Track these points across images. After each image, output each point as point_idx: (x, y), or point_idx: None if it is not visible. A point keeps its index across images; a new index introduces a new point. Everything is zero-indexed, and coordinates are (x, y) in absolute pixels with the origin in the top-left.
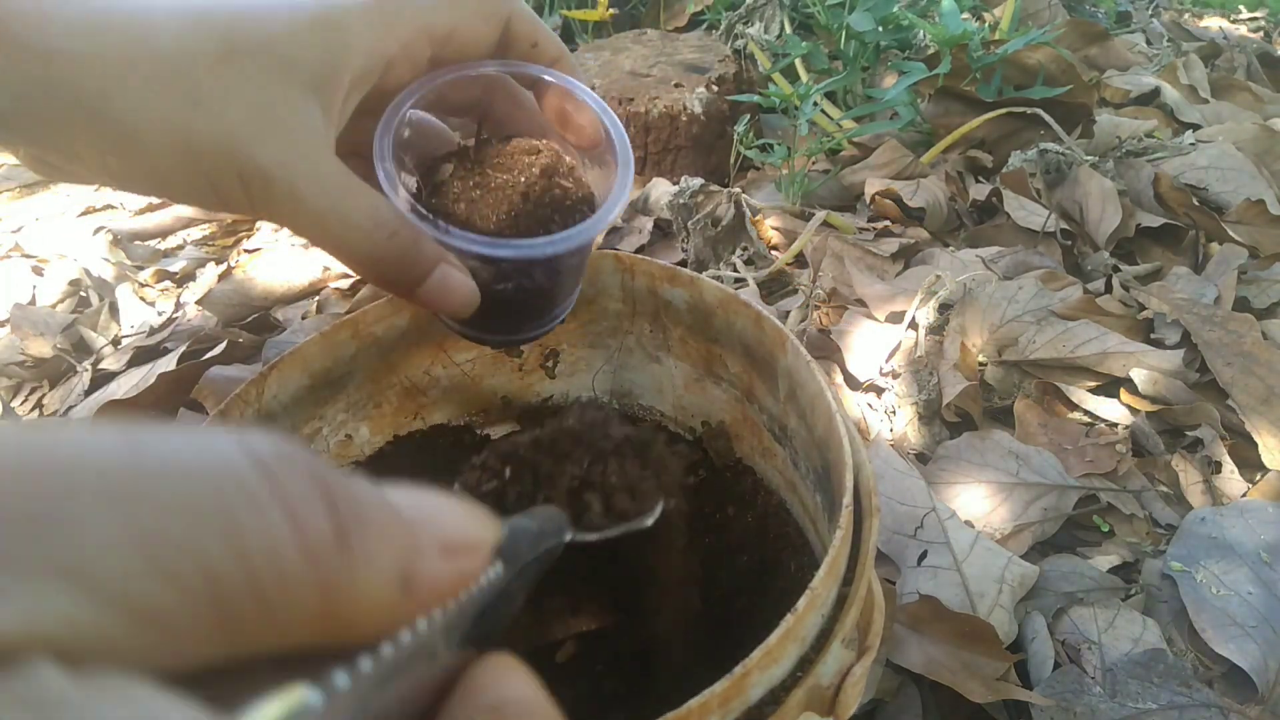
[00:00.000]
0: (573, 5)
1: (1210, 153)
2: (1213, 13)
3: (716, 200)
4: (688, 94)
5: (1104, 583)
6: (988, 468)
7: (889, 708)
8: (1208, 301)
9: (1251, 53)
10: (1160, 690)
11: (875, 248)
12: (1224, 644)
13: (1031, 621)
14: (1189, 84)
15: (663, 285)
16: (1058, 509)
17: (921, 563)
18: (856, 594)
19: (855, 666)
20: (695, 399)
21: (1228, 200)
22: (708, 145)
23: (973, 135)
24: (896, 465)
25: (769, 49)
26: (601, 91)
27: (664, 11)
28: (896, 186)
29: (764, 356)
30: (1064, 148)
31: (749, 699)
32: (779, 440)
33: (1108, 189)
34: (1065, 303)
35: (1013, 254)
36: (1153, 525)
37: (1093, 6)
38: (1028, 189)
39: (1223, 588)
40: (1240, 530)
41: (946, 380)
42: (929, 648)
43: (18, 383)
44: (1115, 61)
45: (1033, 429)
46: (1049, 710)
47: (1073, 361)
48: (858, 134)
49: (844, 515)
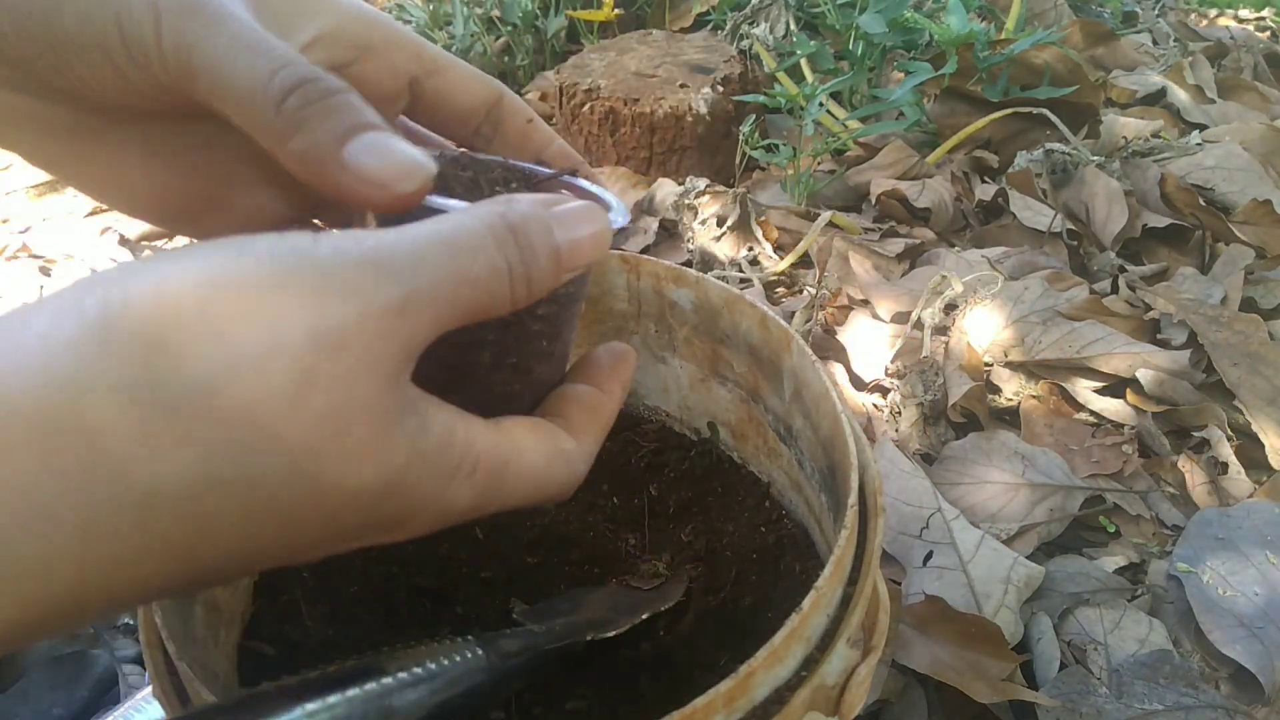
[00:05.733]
0: (578, 5)
1: (1217, 153)
2: (1218, 12)
3: (722, 200)
4: (693, 94)
5: (1110, 583)
6: (993, 468)
7: (894, 708)
8: (1214, 302)
9: (1258, 52)
10: (1166, 691)
11: (881, 248)
12: (1230, 645)
13: (1037, 622)
14: (1195, 84)
15: (668, 285)
16: (1064, 509)
17: (927, 563)
18: (862, 594)
19: (860, 666)
20: (700, 399)
21: (1234, 200)
22: (713, 146)
23: (979, 135)
24: (902, 466)
25: (774, 49)
26: (607, 92)
27: (669, 12)
28: (902, 187)
29: (769, 357)
30: (1070, 148)
31: (754, 698)
32: (784, 440)
33: (1114, 189)
34: (1071, 303)
35: (1019, 254)
36: (1159, 526)
37: (1099, 6)
38: (1034, 189)
39: (1229, 589)
40: (1247, 531)
41: (952, 380)
42: (934, 648)
43: None
44: (1121, 61)
45: (1038, 429)
46: (1055, 711)
47: (1079, 362)
48: (863, 134)
49: (849, 515)
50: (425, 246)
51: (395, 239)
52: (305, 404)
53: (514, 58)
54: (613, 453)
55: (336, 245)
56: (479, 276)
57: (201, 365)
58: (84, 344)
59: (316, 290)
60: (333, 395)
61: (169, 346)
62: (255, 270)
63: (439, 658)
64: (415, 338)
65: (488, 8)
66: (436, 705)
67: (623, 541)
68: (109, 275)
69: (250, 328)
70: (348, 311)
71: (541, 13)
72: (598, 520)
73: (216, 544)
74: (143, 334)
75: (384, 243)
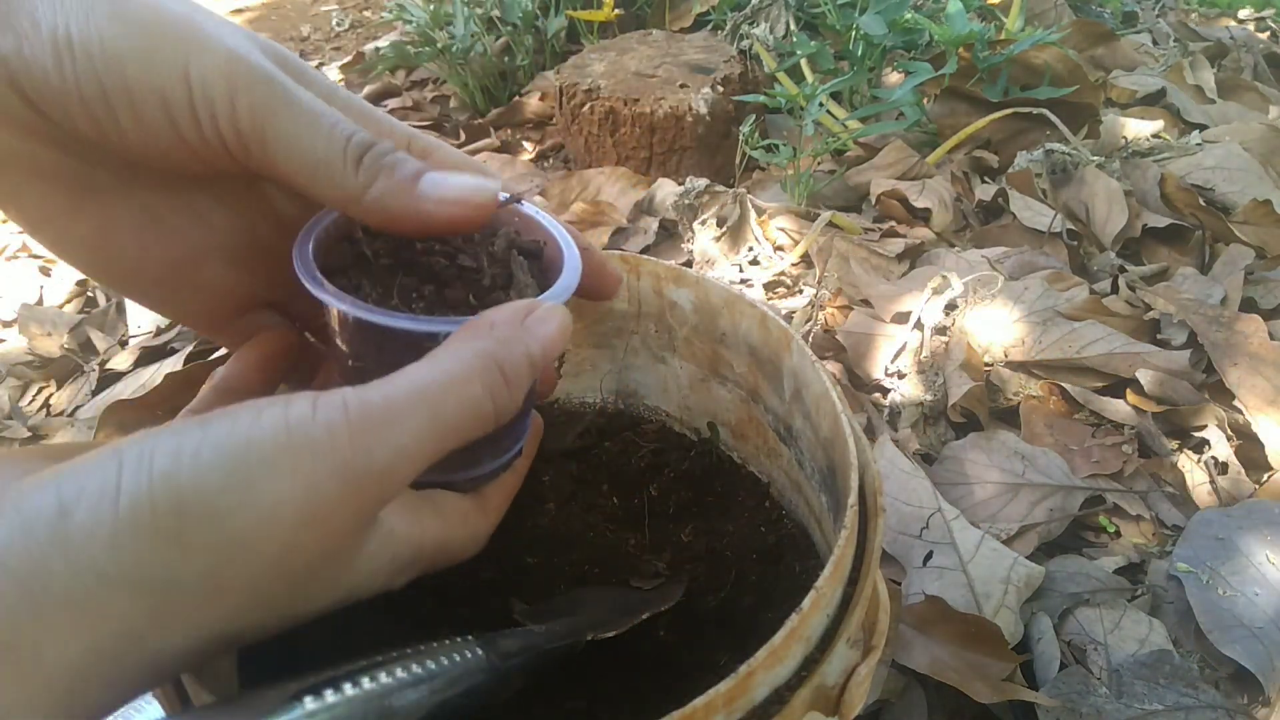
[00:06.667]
0: (578, 6)
1: (1217, 153)
2: (1219, 12)
3: (722, 200)
4: (693, 94)
5: (1110, 583)
6: (993, 468)
7: (894, 708)
8: (1214, 302)
9: (1258, 53)
10: (1166, 691)
11: (881, 248)
12: (1230, 645)
13: (1037, 622)
14: (1195, 84)
15: (668, 286)
16: (1064, 509)
17: (927, 563)
18: (862, 594)
19: (860, 667)
20: (700, 399)
21: (1234, 200)
22: (713, 146)
23: (979, 135)
24: (902, 466)
25: (774, 49)
26: (607, 92)
27: (669, 12)
28: (902, 187)
29: (769, 357)
30: (1070, 148)
31: (754, 698)
32: (784, 441)
33: (1114, 189)
34: (1071, 303)
35: (1019, 254)
36: (1159, 526)
37: (1099, 7)
38: (1034, 189)
39: (1229, 589)
40: (1247, 531)
41: (952, 381)
42: (934, 648)
43: (25, 383)
44: (1122, 62)
45: (1039, 429)
46: (1055, 711)
47: (1079, 362)
48: (863, 134)
49: (849, 515)
50: (408, 404)
51: (383, 401)
52: (286, 570)
53: (514, 58)
54: (613, 453)
55: (330, 419)
56: (460, 421)
57: (200, 560)
58: (118, 544)
59: (310, 471)
60: (309, 558)
61: (176, 544)
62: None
63: (439, 658)
64: (393, 492)
65: (488, 8)
66: (436, 705)
67: (623, 541)
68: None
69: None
70: (333, 487)
71: (541, 13)
72: (598, 520)
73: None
74: (157, 533)
75: (372, 407)
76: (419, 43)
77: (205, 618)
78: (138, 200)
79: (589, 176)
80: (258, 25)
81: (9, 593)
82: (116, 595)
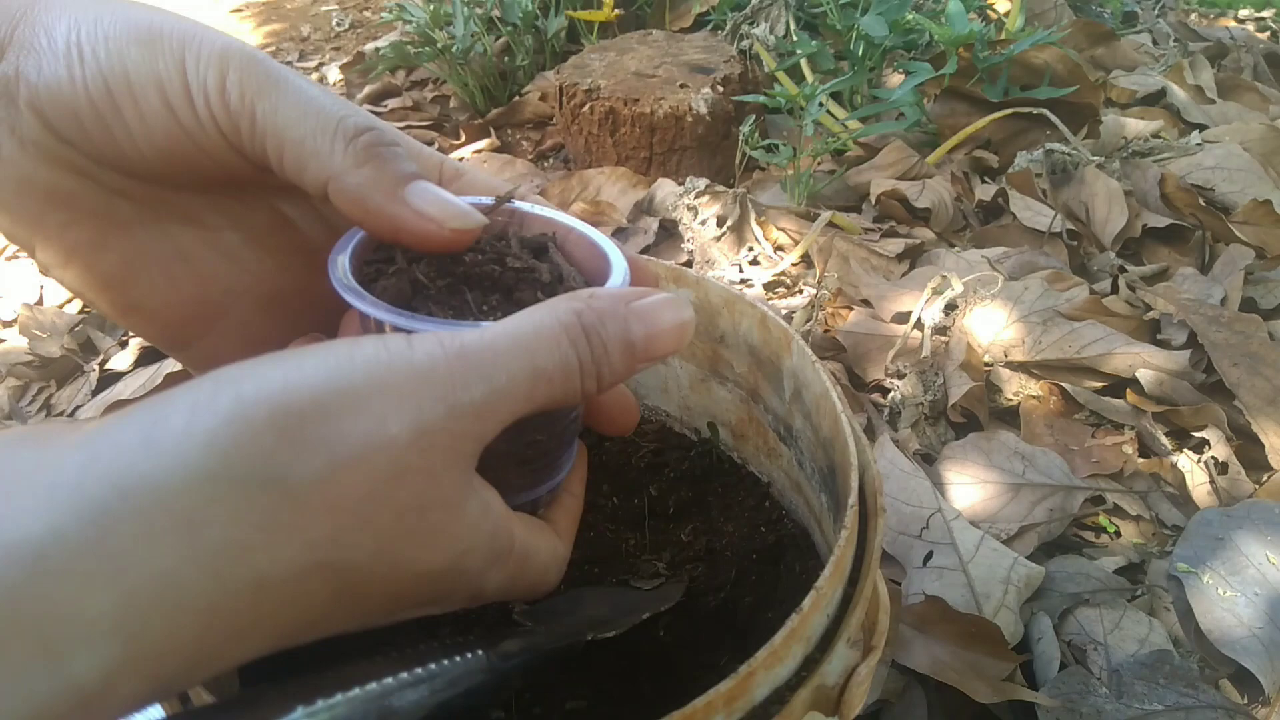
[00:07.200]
0: (578, 6)
1: (1217, 153)
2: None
3: (722, 200)
4: (693, 94)
5: (1110, 583)
6: (993, 468)
7: (894, 708)
8: (1214, 302)
9: (1258, 53)
10: (1166, 691)
11: (881, 248)
12: (1230, 645)
13: (1037, 622)
14: (1195, 84)
15: (668, 286)
16: (1064, 510)
17: (927, 563)
18: (862, 594)
19: (860, 667)
20: (701, 399)
21: (1234, 200)
22: (713, 146)
23: (979, 135)
24: (902, 466)
25: (774, 49)
26: (607, 92)
27: (669, 12)
28: (902, 187)
29: (769, 357)
30: (1070, 148)
31: (754, 698)
32: (784, 441)
33: (1114, 189)
34: (1071, 303)
35: (1019, 254)
36: (1159, 526)
37: (1099, 7)
38: (1034, 189)
39: (1229, 589)
40: (1247, 531)
41: (952, 380)
42: (934, 648)
43: (25, 383)
44: (1122, 62)
45: (1038, 429)
46: (1054, 711)
47: (1079, 362)
48: (863, 134)
49: (849, 515)
50: (505, 346)
51: (478, 340)
52: (395, 496)
53: (514, 58)
54: (613, 453)
55: (429, 350)
56: (552, 374)
57: (316, 459)
58: (218, 440)
59: (414, 392)
60: (417, 488)
61: (290, 441)
62: (364, 372)
63: (439, 658)
64: (490, 432)
65: (488, 8)
66: (436, 705)
67: (623, 541)
68: (239, 372)
69: (359, 424)
70: (438, 410)
71: (542, 13)
72: (598, 520)
73: (304, 619)
74: (269, 429)
75: (468, 345)
76: (419, 43)
77: (314, 534)
78: (163, 235)
79: (589, 176)
80: (258, 25)
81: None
82: (218, 493)
